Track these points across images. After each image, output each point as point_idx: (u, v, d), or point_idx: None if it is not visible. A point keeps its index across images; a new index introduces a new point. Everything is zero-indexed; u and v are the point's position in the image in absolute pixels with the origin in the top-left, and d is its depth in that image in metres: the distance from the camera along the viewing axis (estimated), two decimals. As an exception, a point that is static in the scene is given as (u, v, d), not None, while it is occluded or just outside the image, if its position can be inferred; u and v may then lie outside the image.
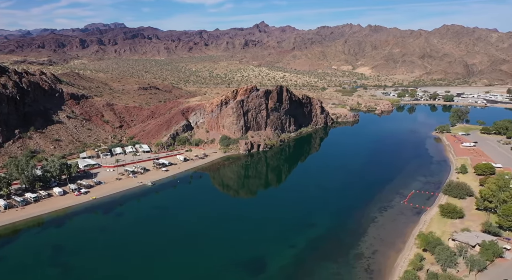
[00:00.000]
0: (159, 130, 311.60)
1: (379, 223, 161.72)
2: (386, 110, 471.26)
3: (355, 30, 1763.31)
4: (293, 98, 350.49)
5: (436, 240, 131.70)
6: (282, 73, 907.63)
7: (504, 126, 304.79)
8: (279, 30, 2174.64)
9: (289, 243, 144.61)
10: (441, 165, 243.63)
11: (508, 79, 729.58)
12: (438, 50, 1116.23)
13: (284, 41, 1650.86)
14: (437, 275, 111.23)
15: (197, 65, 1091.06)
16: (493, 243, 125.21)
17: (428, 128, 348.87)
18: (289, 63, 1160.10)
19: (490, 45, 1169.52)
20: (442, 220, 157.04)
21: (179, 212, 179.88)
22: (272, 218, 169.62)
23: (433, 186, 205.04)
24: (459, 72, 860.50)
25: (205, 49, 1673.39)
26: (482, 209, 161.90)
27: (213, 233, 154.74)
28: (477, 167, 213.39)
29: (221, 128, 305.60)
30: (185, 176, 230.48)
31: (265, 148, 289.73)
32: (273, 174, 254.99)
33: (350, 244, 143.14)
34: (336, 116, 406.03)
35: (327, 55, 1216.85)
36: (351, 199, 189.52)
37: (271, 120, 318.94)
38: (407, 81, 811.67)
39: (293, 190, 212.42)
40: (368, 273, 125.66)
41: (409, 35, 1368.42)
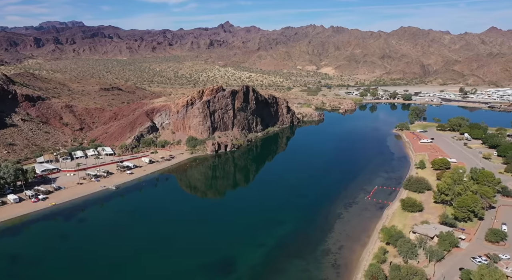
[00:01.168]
0: (122, 132, 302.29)
1: (345, 218, 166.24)
2: (350, 109, 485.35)
3: (319, 31, 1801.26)
4: (260, 98, 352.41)
5: (398, 233, 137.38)
6: (248, 73, 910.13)
7: (458, 123, 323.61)
8: (244, 30, 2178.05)
9: (258, 242, 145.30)
10: (401, 161, 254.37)
11: (460, 78, 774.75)
12: (396, 51, 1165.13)
13: (250, 41, 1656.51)
14: (399, 267, 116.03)
15: (161, 65, 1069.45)
16: (450, 234, 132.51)
17: (389, 126, 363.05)
18: (255, 63, 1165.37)
19: (444, 46, 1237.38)
20: (403, 214, 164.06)
21: (146, 215, 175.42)
22: (240, 217, 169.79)
23: (395, 181, 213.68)
24: (416, 72, 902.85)
25: (169, 49, 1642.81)
26: (439, 202, 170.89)
27: (181, 236, 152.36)
28: (434, 162, 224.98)
29: (187, 129, 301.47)
30: (151, 179, 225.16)
31: (233, 148, 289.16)
32: (241, 174, 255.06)
33: (318, 240, 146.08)
34: (302, 115, 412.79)
35: (292, 56, 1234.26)
36: (318, 196, 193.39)
37: (238, 120, 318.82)
38: (369, 80, 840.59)
39: (261, 189, 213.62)
40: (335, 268, 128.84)
41: (370, 36, 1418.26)
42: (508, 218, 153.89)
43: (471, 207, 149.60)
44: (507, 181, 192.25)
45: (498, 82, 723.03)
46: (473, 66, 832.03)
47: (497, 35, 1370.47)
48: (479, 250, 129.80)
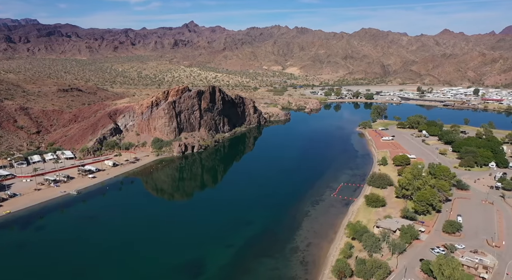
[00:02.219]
0: (83, 134, 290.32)
1: (312, 216, 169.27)
2: (315, 108, 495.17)
3: (283, 32, 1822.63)
4: (226, 98, 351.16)
5: (363, 228, 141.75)
6: (214, 73, 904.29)
7: (416, 120, 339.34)
8: (209, 30, 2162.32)
9: (227, 243, 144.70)
10: (365, 159, 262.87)
11: (417, 78, 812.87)
12: (358, 52, 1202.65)
13: (215, 41, 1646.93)
14: (365, 260, 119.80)
15: (124, 65, 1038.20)
16: (411, 227, 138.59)
17: (353, 124, 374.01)
18: (221, 63, 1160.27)
19: (402, 47, 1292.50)
20: (368, 209, 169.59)
21: (111, 220, 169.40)
22: (209, 219, 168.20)
23: (359, 178, 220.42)
24: (377, 72, 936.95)
25: (132, 49, 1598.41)
26: (401, 196, 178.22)
27: (148, 240, 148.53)
28: (395, 158, 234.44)
29: (152, 130, 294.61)
30: (115, 182, 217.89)
31: (200, 149, 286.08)
32: (208, 175, 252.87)
33: (286, 238, 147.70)
34: (268, 115, 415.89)
35: (257, 56, 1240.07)
36: (286, 195, 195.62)
37: (204, 121, 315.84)
38: (333, 80, 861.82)
39: (229, 189, 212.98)
40: (303, 265, 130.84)
41: (333, 37, 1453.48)
42: (462, 210, 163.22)
43: (429, 201, 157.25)
44: (461, 175, 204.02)
45: (451, 81, 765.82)
46: (429, 67, 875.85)
47: (449, 37, 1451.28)
48: (438, 241, 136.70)
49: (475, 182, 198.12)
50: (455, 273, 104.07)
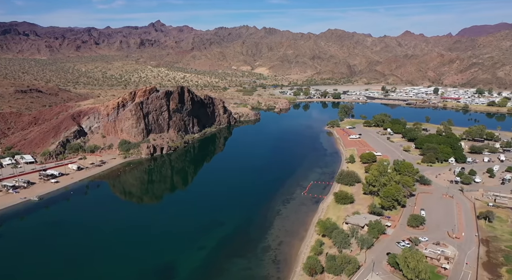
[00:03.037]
0: (45, 137, 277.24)
1: (283, 215, 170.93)
2: (284, 108, 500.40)
3: (252, 32, 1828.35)
4: (196, 99, 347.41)
5: (332, 225, 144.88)
6: (182, 73, 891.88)
7: (381, 119, 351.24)
8: (177, 29, 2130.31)
9: (199, 245, 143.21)
10: (333, 157, 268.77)
11: (382, 78, 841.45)
12: (325, 52, 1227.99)
13: (183, 41, 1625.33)
14: (335, 256, 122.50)
15: (87, 66, 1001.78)
16: (378, 222, 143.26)
17: (321, 123, 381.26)
18: (189, 63, 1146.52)
19: (366, 48, 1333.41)
20: (337, 207, 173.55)
21: (75, 226, 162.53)
22: (179, 221, 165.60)
23: (328, 176, 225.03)
24: (343, 72, 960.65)
25: (95, 48, 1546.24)
26: (368, 193, 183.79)
27: (116, 245, 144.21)
28: (362, 156, 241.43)
29: (119, 132, 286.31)
30: (80, 187, 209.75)
31: (169, 150, 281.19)
32: (178, 176, 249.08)
33: (258, 238, 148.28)
34: (238, 115, 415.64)
35: (226, 56, 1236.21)
36: (257, 194, 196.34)
37: (173, 122, 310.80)
38: (301, 80, 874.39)
39: (200, 191, 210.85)
40: (275, 263, 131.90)
41: (300, 37, 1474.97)
42: (425, 204, 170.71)
43: (395, 196, 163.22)
44: (424, 171, 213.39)
45: (413, 81, 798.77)
46: (392, 67, 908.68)
47: (411, 39, 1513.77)
48: (403, 235, 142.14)
49: (436, 177, 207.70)
50: (419, 265, 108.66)
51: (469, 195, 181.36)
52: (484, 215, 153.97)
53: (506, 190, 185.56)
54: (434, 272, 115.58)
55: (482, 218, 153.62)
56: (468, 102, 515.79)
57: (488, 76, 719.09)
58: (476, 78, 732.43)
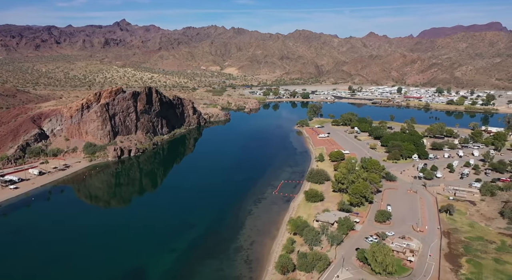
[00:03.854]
0: (2, 141, 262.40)
1: (255, 214, 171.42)
2: (254, 108, 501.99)
3: (220, 32, 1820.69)
4: (164, 100, 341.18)
5: (303, 223, 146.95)
6: (150, 74, 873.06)
7: (349, 118, 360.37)
8: (143, 29, 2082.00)
9: (169, 247, 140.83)
10: (303, 156, 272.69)
11: (348, 77, 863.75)
12: (294, 52, 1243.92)
13: (149, 40, 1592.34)
14: (306, 254, 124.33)
15: (48, 66, 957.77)
16: (347, 219, 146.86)
17: (291, 123, 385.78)
18: (157, 63, 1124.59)
19: (333, 48, 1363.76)
20: (308, 205, 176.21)
21: (38, 233, 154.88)
22: (149, 224, 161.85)
23: (298, 175, 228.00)
24: (312, 72, 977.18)
25: (57, 48, 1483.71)
26: (337, 190, 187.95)
27: (82, 252, 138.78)
28: (331, 154, 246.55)
29: (84, 134, 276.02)
30: (42, 192, 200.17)
31: (137, 152, 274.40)
32: (147, 179, 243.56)
33: (230, 238, 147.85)
34: (208, 115, 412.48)
35: (195, 56, 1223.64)
36: (228, 194, 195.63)
37: (141, 123, 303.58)
38: (270, 80, 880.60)
39: (170, 193, 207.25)
40: (247, 263, 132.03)
41: (269, 38, 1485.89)
42: (391, 200, 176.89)
43: (363, 193, 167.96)
44: (390, 167, 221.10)
45: (378, 81, 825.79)
46: (358, 67, 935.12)
47: (375, 40, 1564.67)
48: (371, 230, 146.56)
49: (401, 174, 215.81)
50: (387, 259, 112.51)
51: (432, 190, 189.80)
52: (445, 209, 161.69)
53: (464, 184, 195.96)
54: (400, 265, 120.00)
55: (444, 212, 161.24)
56: (429, 101, 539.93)
57: (446, 76, 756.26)
58: (436, 78, 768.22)
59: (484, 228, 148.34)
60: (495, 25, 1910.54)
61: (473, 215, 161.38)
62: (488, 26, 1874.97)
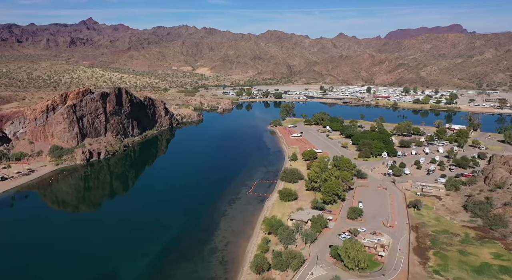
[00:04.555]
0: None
1: (229, 215, 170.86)
2: (227, 108, 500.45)
3: (191, 32, 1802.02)
4: (135, 100, 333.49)
5: (278, 222, 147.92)
6: (119, 74, 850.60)
7: (320, 117, 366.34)
8: (111, 28, 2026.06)
9: (142, 251, 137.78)
10: (277, 155, 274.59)
11: (320, 78, 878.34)
12: (266, 53, 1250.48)
13: (118, 40, 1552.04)
14: (281, 253, 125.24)
15: (9, 65, 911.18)
16: (320, 217, 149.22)
17: (264, 123, 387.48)
18: (126, 63, 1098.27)
19: (305, 49, 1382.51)
20: (282, 204, 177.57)
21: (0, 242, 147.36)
22: (121, 228, 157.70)
23: (272, 174, 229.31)
24: (284, 72, 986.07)
25: (18, 47, 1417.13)
26: (311, 189, 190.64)
27: (50, 260, 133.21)
28: (304, 154, 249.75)
29: (49, 137, 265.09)
30: (4, 199, 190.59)
31: (107, 155, 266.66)
32: (118, 182, 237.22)
33: (204, 240, 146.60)
34: (181, 116, 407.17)
35: (166, 56, 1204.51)
36: (202, 196, 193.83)
37: (111, 125, 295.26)
38: (243, 80, 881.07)
39: (142, 195, 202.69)
40: (222, 264, 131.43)
41: (241, 38, 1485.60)
42: (363, 197, 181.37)
43: (335, 191, 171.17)
44: (360, 165, 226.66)
45: (348, 80, 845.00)
46: (329, 67, 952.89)
47: (344, 40, 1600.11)
48: (343, 227, 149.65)
49: (371, 171, 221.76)
50: (359, 255, 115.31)
51: (400, 186, 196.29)
52: (413, 204, 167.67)
53: (431, 180, 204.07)
54: (372, 260, 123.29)
55: (412, 207, 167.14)
56: (397, 100, 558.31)
57: (413, 76, 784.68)
58: (403, 77, 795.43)
59: (449, 222, 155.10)
60: (456, 27, 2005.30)
61: (439, 209, 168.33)
62: (450, 28, 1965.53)
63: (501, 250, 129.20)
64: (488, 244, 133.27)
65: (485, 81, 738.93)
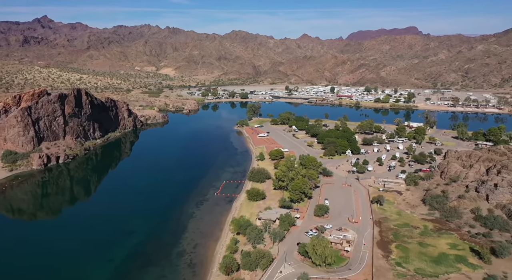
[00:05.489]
0: None
1: (197, 217, 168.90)
2: (193, 109, 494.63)
3: (154, 31, 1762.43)
4: (96, 102, 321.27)
5: (246, 222, 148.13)
6: (78, 74, 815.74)
7: (287, 117, 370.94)
8: (69, 27, 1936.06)
9: (107, 258, 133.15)
10: (244, 155, 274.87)
11: (285, 78, 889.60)
12: (231, 53, 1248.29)
13: (76, 39, 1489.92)
14: (250, 253, 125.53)
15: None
16: (288, 215, 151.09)
17: (231, 123, 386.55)
18: (86, 63, 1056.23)
19: (269, 49, 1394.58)
20: (250, 204, 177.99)
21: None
22: (83, 235, 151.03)
23: (240, 174, 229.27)
24: (249, 72, 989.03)
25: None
26: (278, 188, 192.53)
27: (9, 269, 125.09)
28: (271, 153, 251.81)
29: (2, 142, 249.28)
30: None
31: (67, 159, 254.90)
32: (80, 186, 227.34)
33: (172, 243, 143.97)
34: (145, 118, 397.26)
35: (128, 56, 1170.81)
36: (169, 198, 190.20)
37: (70, 128, 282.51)
38: (209, 81, 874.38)
39: (106, 200, 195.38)
40: (191, 267, 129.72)
41: (205, 38, 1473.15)
42: (328, 194, 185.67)
43: (302, 189, 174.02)
44: (326, 163, 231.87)
45: (313, 80, 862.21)
46: (293, 67, 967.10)
47: (308, 41, 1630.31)
48: (311, 225, 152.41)
49: (336, 169, 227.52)
50: (326, 251, 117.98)
51: (364, 183, 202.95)
52: (376, 200, 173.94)
53: (392, 176, 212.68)
54: (338, 256, 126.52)
55: (375, 202, 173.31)
56: (359, 100, 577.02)
57: (373, 76, 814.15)
58: (364, 77, 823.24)
59: (410, 215, 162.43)
60: (412, 29, 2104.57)
61: (400, 204, 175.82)
62: (407, 30, 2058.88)
63: (457, 240, 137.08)
64: (444, 235, 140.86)
65: (439, 81, 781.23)
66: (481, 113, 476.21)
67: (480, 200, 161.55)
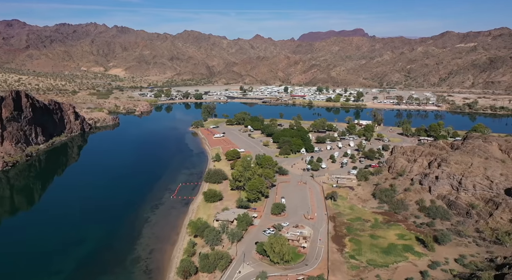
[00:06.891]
0: None
1: (152, 221, 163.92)
2: (146, 110, 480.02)
3: (101, 30, 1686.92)
4: (38, 105, 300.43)
5: (203, 224, 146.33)
6: (16, 75, 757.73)
7: (242, 117, 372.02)
8: (4, 24, 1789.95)
9: (54, 269, 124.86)
10: (200, 157, 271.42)
11: (239, 78, 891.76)
12: (184, 53, 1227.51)
13: (13, 37, 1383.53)
14: (208, 255, 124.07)
15: None
16: (245, 215, 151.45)
17: (186, 124, 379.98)
18: (25, 64, 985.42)
19: (223, 50, 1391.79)
20: (207, 205, 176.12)
21: None
22: (26, 248, 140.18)
23: (196, 176, 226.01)
24: (203, 73, 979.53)
25: None
26: (235, 188, 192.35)
27: None
28: (227, 154, 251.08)
29: None
30: None
31: (6, 166, 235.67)
32: (21, 196, 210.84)
33: (126, 250, 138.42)
34: (94, 121, 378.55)
35: (73, 56, 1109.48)
36: (122, 204, 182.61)
37: (9, 133, 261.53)
38: (161, 81, 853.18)
39: (51, 209, 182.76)
40: (147, 273, 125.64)
41: (157, 38, 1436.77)
42: (285, 192, 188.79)
43: (259, 189, 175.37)
44: (282, 162, 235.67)
45: (266, 81, 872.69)
46: (247, 68, 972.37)
47: (261, 42, 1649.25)
48: (268, 223, 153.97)
49: (292, 167, 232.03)
50: (283, 248, 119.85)
51: (318, 180, 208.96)
52: (330, 196, 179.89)
53: (344, 172, 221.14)
54: (295, 252, 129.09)
55: (329, 198, 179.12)
56: (312, 99, 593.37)
57: (324, 76, 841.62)
58: (316, 77, 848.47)
59: (361, 209, 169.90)
60: (359, 31, 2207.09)
61: (352, 199, 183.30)
62: (354, 32, 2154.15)
63: (404, 231, 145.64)
64: (393, 227, 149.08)
65: (385, 80, 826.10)
66: (422, 110, 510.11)
67: (424, 192, 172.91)
